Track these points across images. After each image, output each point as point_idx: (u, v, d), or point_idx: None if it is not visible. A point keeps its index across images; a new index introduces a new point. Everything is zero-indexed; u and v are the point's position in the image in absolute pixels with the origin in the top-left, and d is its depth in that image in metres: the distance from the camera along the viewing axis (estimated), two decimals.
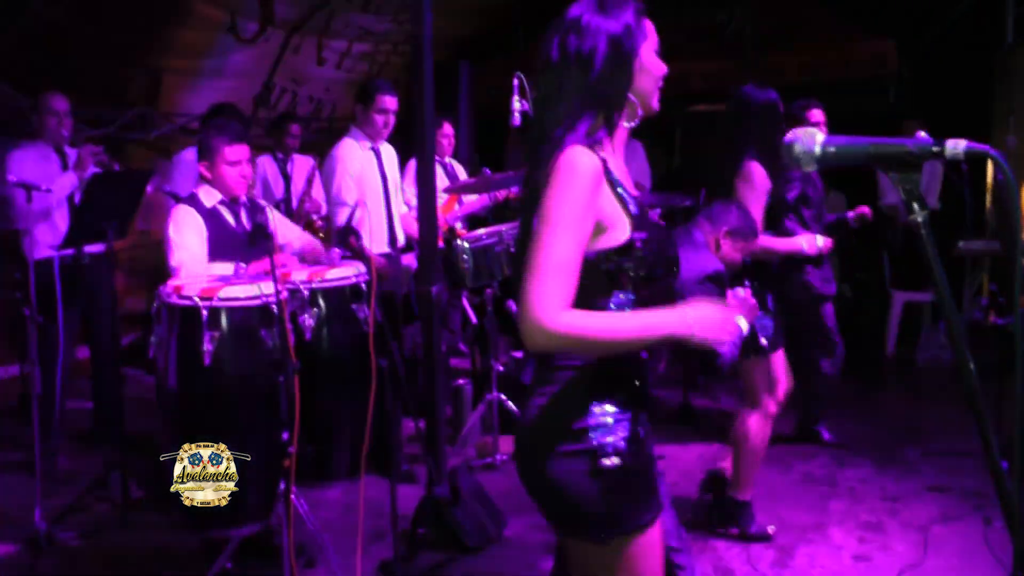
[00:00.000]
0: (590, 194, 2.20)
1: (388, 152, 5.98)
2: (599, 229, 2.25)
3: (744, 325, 3.97)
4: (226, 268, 4.54)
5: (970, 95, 9.08)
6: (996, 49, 9.04)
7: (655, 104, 2.40)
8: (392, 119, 5.78)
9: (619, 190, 2.29)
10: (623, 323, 2.24)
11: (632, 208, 2.29)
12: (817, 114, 5.67)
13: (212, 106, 6.70)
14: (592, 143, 2.26)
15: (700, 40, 9.95)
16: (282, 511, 3.88)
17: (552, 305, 2.15)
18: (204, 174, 4.67)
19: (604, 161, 2.26)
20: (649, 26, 2.35)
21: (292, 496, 3.92)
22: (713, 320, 2.25)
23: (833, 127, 5.80)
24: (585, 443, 2.28)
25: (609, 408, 2.30)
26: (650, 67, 2.34)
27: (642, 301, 2.30)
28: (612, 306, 2.29)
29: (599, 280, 2.28)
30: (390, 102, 5.74)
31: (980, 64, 9.11)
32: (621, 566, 2.33)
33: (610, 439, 2.28)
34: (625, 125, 2.39)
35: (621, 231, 2.27)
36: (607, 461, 2.27)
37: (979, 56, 9.11)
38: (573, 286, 2.19)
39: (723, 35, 9.91)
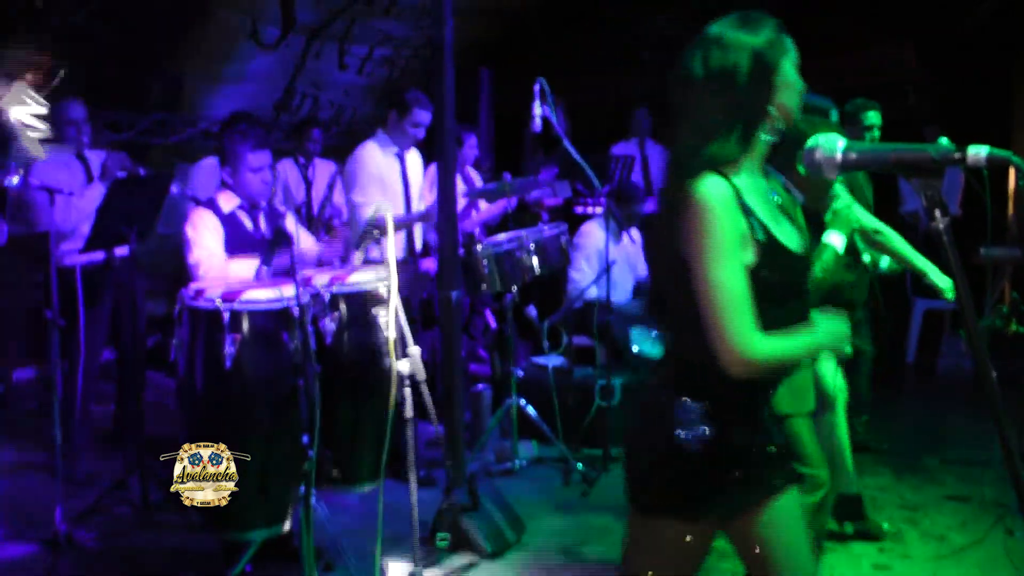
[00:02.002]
0: (730, 220, 2.27)
1: (413, 158, 6.00)
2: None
3: None
4: (246, 266, 4.56)
5: (991, 100, 9.04)
6: (1017, 53, 9.00)
7: (794, 116, 2.44)
8: (423, 133, 5.81)
9: (750, 218, 2.33)
10: (799, 341, 2.37)
11: (759, 234, 2.33)
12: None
13: (231, 114, 6.70)
14: (724, 165, 2.32)
15: None
16: (301, 515, 3.89)
17: (745, 337, 2.26)
18: (226, 180, 4.69)
19: (736, 189, 2.32)
20: (790, 43, 2.39)
21: (311, 500, 3.93)
22: (837, 327, 2.46)
23: None
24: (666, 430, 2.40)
25: (691, 404, 2.38)
26: (793, 81, 2.39)
27: (766, 322, 2.33)
28: None
29: None
30: (425, 118, 5.78)
31: (1001, 68, 9.07)
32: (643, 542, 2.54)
33: (685, 432, 2.37)
34: (766, 141, 2.42)
35: (747, 255, 2.31)
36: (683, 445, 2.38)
37: (1000, 60, 9.06)
38: (752, 311, 2.28)
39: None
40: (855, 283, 4.59)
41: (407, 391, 4.02)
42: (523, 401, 5.94)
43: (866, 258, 4.98)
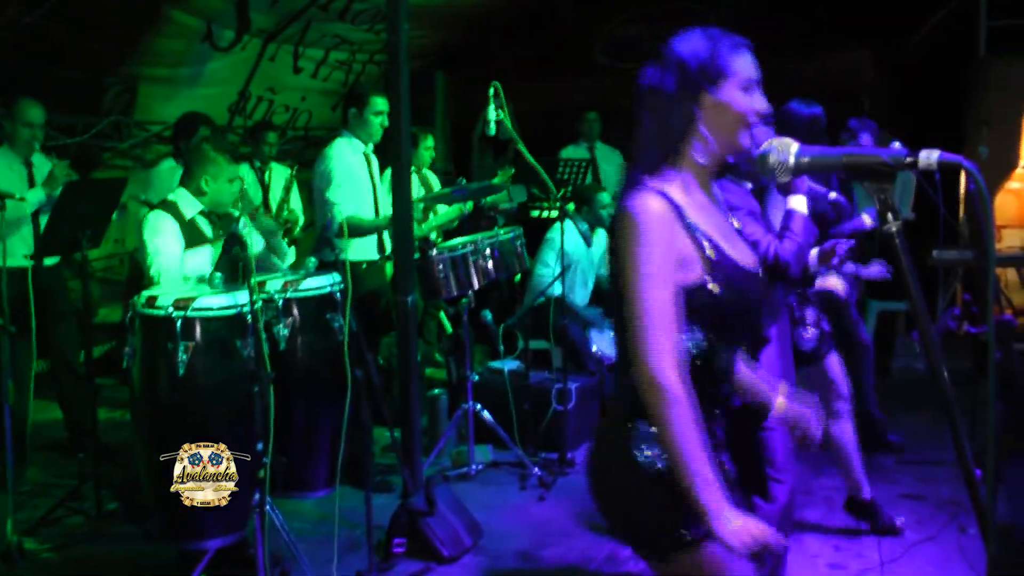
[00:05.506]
0: (664, 239, 2.21)
1: (373, 159, 6.00)
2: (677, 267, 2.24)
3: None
4: (202, 255, 4.56)
5: (944, 106, 9.14)
6: (969, 61, 9.11)
7: (741, 142, 2.33)
8: (386, 121, 5.80)
9: (696, 234, 2.26)
10: (694, 450, 2.18)
11: (709, 253, 2.27)
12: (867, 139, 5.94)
13: (187, 116, 6.63)
14: (662, 182, 2.27)
15: None
16: (257, 522, 3.86)
17: (660, 361, 2.18)
18: (201, 187, 4.64)
19: (677, 206, 2.25)
20: (741, 63, 2.31)
21: (266, 506, 3.90)
22: (743, 534, 2.20)
23: None
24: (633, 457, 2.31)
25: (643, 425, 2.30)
26: (730, 104, 2.29)
27: (712, 340, 2.30)
28: (684, 341, 2.26)
29: None
30: (384, 104, 5.77)
31: (954, 75, 9.18)
32: None
33: (648, 453, 2.30)
34: (701, 163, 2.34)
35: (693, 272, 2.25)
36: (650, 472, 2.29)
37: (953, 67, 9.17)
38: (676, 333, 2.21)
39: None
40: None
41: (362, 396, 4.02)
42: (479, 406, 5.93)
43: None
